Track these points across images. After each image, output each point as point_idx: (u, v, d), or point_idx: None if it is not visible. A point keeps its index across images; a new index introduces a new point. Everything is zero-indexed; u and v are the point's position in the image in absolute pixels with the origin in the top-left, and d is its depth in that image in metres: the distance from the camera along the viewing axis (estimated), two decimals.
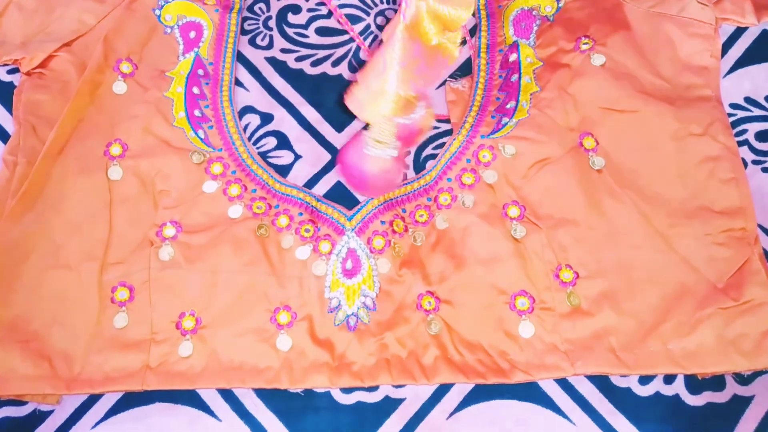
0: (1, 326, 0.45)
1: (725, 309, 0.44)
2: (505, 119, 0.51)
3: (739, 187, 0.48)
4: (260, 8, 0.57)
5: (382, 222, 0.48)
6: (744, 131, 0.52)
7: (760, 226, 0.49)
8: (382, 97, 0.43)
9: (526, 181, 0.49)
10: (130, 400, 0.46)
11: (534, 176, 0.49)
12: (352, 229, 0.48)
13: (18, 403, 0.46)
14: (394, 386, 0.46)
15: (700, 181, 0.48)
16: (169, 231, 0.48)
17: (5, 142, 0.52)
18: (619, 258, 0.46)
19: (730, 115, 0.52)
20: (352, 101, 0.44)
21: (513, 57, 0.53)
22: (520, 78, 0.52)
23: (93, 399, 0.46)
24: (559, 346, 0.45)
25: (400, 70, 0.42)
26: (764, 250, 0.48)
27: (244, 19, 0.57)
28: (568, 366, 0.44)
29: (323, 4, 0.57)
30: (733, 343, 0.44)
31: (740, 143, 0.52)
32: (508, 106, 0.51)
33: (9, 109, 0.53)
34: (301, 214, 0.49)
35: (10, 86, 0.54)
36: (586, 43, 0.52)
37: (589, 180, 0.48)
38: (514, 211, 0.48)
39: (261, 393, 0.46)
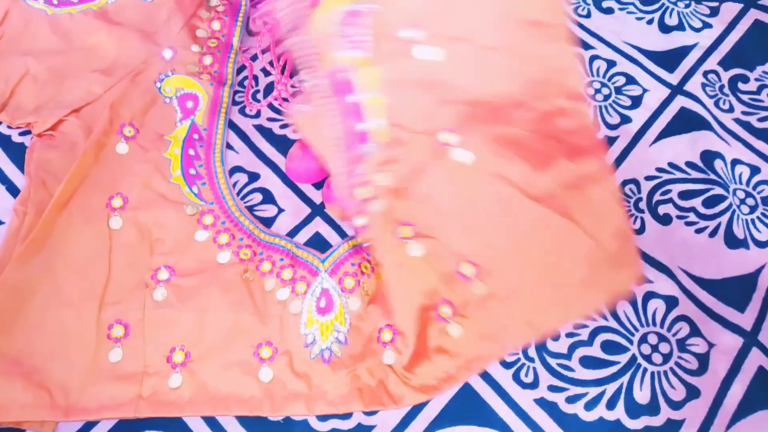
0: (6, 359, 0.48)
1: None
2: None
3: None
4: (251, 83, 0.65)
5: (352, 264, 0.54)
6: (668, 191, 0.60)
7: (686, 272, 0.56)
8: None
9: (409, 200, 0.52)
10: (123, 428, 0.49)
11: (413, 192, 0.53)
12: (326, 271, 0.54)
13: (16, 431, 0.49)
14: (365, 413, 0.51)
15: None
16: (163, 274, 0.53)
17: (16, 196, 0.57)
18: (505, 242, 0.52)
19: (655, 177, 0.61)
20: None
21: None
22: None
23: (87, 427, 0.49)
24: (482, 334, 0.51)
25: None
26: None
27: (235, 92, 0.64)
28: (498, 349, 0.51)
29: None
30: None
31: (665, 201, 0.59)
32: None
33: (20, 167, 0.58)
34: (282, 259, 0.55)
35: (22, 147, 0.59)
36: None
37: (461, 175, 0.52)
38: (406, 231, 0.53)
39: (244, 421, 0.50)
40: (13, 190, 0.58)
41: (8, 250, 0.53)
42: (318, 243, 0.57)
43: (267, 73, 0.66)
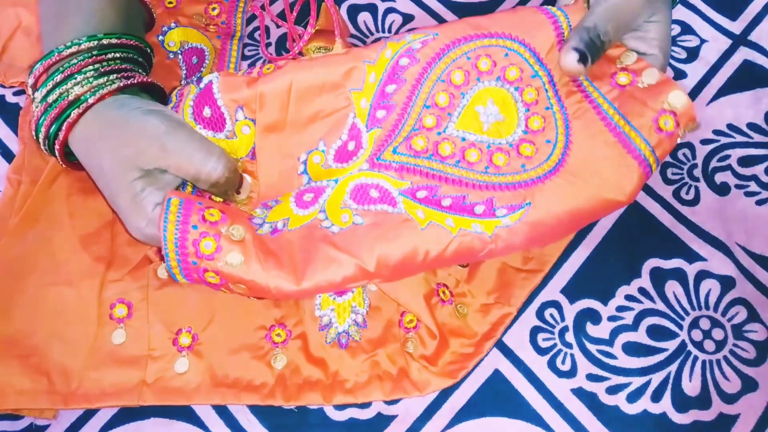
0: (1, 341, 0.46)
1: None
2: None
3: None
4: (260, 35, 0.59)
5: None
6: (727, 156, 0.54)
7: (745, 249, 0.51)
8: None
9: None
10: (126, 416, 0.46)
11: None
12: None
13: (14, 417, 0.46)
14: (386, 403, 0.47)
15: None
16: None
17: (10, 161, 0.53)
18: None
19: (712, 141, 0.54)
20: None
21: None
22: None
23: (89, 414, 0.47)
24: (484, 305, 0.49)
25: None
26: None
27: (245, 45, 0.59)
28: (507, 310, 0.48)
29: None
30: None
31: (723, 168, 0.53)
32: None
33: (14, 129, 0.54)
34: None
35: (16, 107, 0.55)
36: None
37: None
38: None
39: (255, 409, 0.47)
40: (8, 155, 0.54)
41: (3, 222, 0.49)
42: None
43: (280, 22, 0.60)
